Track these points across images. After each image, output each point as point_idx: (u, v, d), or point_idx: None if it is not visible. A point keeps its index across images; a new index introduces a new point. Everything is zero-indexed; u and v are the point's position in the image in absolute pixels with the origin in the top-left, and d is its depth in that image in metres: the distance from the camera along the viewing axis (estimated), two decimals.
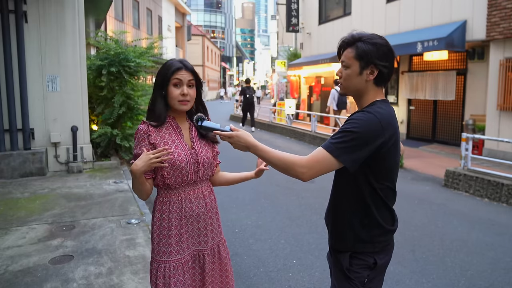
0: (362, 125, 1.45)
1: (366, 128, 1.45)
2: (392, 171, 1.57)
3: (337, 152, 1.44)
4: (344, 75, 1.60)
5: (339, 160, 1.45)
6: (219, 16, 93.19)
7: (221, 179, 2.01)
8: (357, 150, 1.44)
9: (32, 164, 6.25)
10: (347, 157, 1.44)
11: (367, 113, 1.49)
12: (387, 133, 1.48)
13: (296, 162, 1.46)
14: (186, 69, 1.74)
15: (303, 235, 4.33)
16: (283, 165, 1.49)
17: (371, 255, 1.59)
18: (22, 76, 6.20)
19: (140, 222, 4.28)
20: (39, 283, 2.98)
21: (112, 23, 15.97)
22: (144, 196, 1.74)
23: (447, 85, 9.73)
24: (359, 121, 1.47)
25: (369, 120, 1.46)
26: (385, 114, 1.50)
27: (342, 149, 1.44)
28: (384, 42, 1.54)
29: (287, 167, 1.48)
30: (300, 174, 1.46)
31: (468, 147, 6.40)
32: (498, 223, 4.82)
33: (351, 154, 1.44)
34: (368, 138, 1.44)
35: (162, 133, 1.75)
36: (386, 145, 1.49)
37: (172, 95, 1.72)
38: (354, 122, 1.47)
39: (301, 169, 1.45)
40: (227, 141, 1.60)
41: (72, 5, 6.61)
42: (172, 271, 1.74)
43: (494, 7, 7.95)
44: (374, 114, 1.48)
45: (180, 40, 30.45)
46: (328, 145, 1.46)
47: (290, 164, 1.47)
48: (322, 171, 1.46)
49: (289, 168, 1.48)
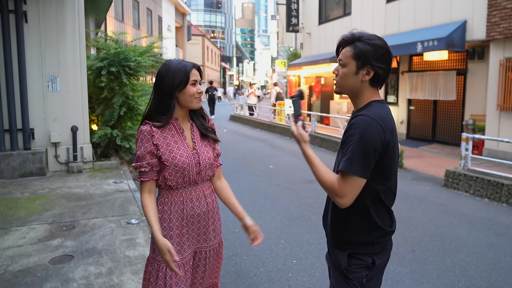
0: (365, 132, 1.46)
1: (369, 134, 1.45)
2: (391, 171, 1.57)
3: (356, 170, 1.46)
4: (340, 73, 1.60)
5: (361, 176, 1.47)
6: (219, 16, 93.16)
7: (220, 188, 1.96)
8: (368, 160, 1.47)
9: (32, 164, 6.25)
10: (365, 170, 1.47)
11: (366, 117, 1.49)
12: (388, 134, 1.49)
13: (334, 190, 1.50)
14: (195, 67, 1.79)
15: (303, 235, 4.33)
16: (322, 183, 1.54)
17: (370, 255, 1.59)
18: (22, 76, 6.20)
19: (140, 222, 4.28)
20: (39, 283, 2.98)
21: (112, 23, 15.97)
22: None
23: (447, 85, 9.73)
24: (361, 128, 1.46)
25: (370, 124, 1.46)
26: (383, 115, 1.51)
27: (359, 165, 1.46)
28: (382, 44, 1.54)
29: (325, 189, 1.53)
30: (340, 204, 1.51)
31: (468, 147, 6.40)
32: (498, 223, 4.82)
33: (367, 165, 1.47)
34: (374, 144, 1.46)
35: (165, 134, 1.75)
36: (388, 146, 1.50)
37: (190, 93, 1.75)
38: (356, 129, 1.47)
39: (340, 200, 1.49)
40: (294, 130, 1.63)
41: (72, 5, 6.61)
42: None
43: (494, 7, 7.95)
44: (373, 117, 1.48)
45: (180, 40, 30.45)
46: (348, 166, 1.46)
47: (328, 190, 1.52)
48: (355, 193, 1.49)
49: (328, 192, 1.54)
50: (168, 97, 1.74)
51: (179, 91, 1.73)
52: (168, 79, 1.73)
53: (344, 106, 13.65)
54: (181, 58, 1.95)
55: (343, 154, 1.51)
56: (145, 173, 1.74)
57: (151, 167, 1.73)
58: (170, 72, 1.73)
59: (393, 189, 1.61)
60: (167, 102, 1.75)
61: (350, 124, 1.52)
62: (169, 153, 1.73)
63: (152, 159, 1.73)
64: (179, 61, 1.77)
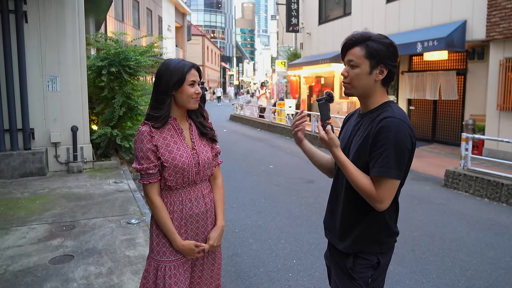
0: (399, 135, 1.45)
1: (402, 136, 1.46)
2: (408, 170, 1.58)
3: (393, 173, 1.45)
4: (352, 74, 1.56)
5: (397, 179, 1.47)
6: (219, 16, 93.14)
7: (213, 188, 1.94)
8: (403, 162, 1.48)
9: (32, 164, 6.25)
10: (400, 172, 1.47)
11: (395, 119, 1.48)
12: (413, 133, 1.51)
13: (372, 196, 1.48)
14: (194, 68, 1.78)
15: (303, 235, 4.33)
16: (359, 189, 1.51)
17: (375, 254, 1.59)
18: (22, 76, 6.20)
19: (140, 222, 4.28)
20: (39, 283, 2.98)
21: (112, 23, 15.97)
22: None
23: (447, 85, 9.73)
24: (394, 131, 1.45)
25: (401, 126, 1.46)
26: (405, 115, 1.53)
27: (395, 168, 1.45)
28: (391, 42, 1.55)
29: (363, 194, 1.51)
30: (378, 208, 1.50)
31: (468, 147, 6.40)
32: (498, 223, 4.82)
33: (401, 167, 1.47)
34: (407, 145, 1.47)
35: (164, 134, 1.75)
36: (414, 146, 1.52)
37: (187, 93, 1.74)
38: (388, 132, 1.46)
39: (378, 205, 1.48)
40: (322, 135, 1.57)
41: (72, 5, 6.61)
42: (173, 271, 1.75)
43: (494, 7, 7.95)
44: (401, 119, 1.48)
45: (180, 40, 30.45)
46: (385, 171, 1.45)
47: (366, 195, 1.50)
48: (392, 196, 1.49)
49: (365, 197, 1.51)
50: (164, 95, 1.74)
51: (175, 90, 1.73)
52: (166, 77, 1.73)
53: (344, 106, 13.66)
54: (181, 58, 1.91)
55: (373, 158, 1.48)
56: (152, 174, 1.73)
57: (157, 168, 1.73)
58: (169, 71, 1.73)
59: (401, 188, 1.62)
60: (163, 100, 1.74)
61: (380, 127, 1.47)
62: (168, 153, 1.72)
63: (155, 159, 1.72)
64: (179, 61, 1.77)
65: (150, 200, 1.75)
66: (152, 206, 1.75)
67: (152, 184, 1.74)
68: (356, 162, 1.54)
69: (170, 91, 1.73)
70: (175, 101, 1.76)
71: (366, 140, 1.51)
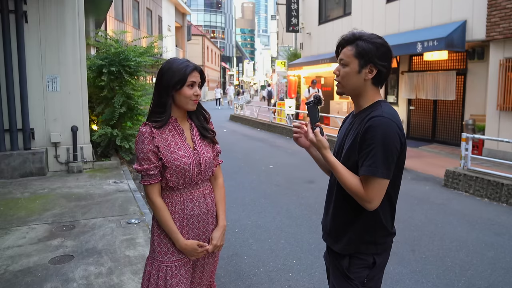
0: (386, 134, 1.45)
1: (390, 134, 1.46)
2: (401, 170, 1.58)
3: (380, 172, 1.45)
4: (342, 73, 1.59)
5: (385, 178, 1.47)
6: (219, 16, 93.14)
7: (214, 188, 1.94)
8: (392, 161, 1.47)
9: (32, 164, 6.25)
10: (388, 171, 1.47)
11: (383, 117, 1.48)
12: (402, 133, 1.51)
13: (361, 196, 1.49)
14: (197, 70, 1.76)
15: (303, 235, 4.33)
16: (348, 189, 1.53)
17: (371, 255, 1.59)
18: (22, 76, 6.20)
19: (140, 222, 4.28)
20: (39, 283, 2.98)
21: (112, 23, 15.97)
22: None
23: (447, 85, 9.73)
24: (381, 130, 1.46)
25: (389, 125, 1.47)
26: (395, 114, 1.53)
27: (383, 167, 1.45)
28: (383, 42, 1.55)
29: (352, 194, 1.52)
30: (368, 208, 1.51)
31: (468, 147, 6.40)
32: (498, 223, 4.82)
33: (390, 166, 1.47)
34: (395, 144, 1.47)
35: (165, 135, 1.74)
36: (403, 145, 1.51)
37: (186, 95, 1.73)
38: (375, 131, 1.46)
39: (368, 204, 1.49)
40: (310, 137, 1.60)
41: (72, 5, 6.61)
42: (174, 271, 1.75)
43: (494, 7, 7.95)
44: (389, 118, 1.48)
45: (180, 40, 30.45)
46: (373, 171, 1.45)
47: (355, 195, 1.51)
48: (381, 195, 1.49)
49: (355, 197, 1.52)
50: (165, 94, 1.73)
51: (176, 90, 1.72)
52: (168, 76, 1.72)
53: (344, 106, 13.66)
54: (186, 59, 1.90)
55: (361, 157, 1.49)
56: (153, 175, 1.73)
57: (158, 168, 1.73)
58: (171, 70, 1.72)
59: (399, 188, 1.62)
60: (164, 99, 1.74)
61: (367, 126, 1.48)
62: (170, 154, 1.72)
63: (156, 160, 1.72)
64: (182, 61, 1.76)
65: (151, 201, 1.75)
66: (153, 206, 1.75)
67: (153, 185, 1.73)
68: (347, 162, 1.55)
69: (170, 91, 1.72)
70: (174, 101, 1.76)
71: (356, 140, 1.53)
